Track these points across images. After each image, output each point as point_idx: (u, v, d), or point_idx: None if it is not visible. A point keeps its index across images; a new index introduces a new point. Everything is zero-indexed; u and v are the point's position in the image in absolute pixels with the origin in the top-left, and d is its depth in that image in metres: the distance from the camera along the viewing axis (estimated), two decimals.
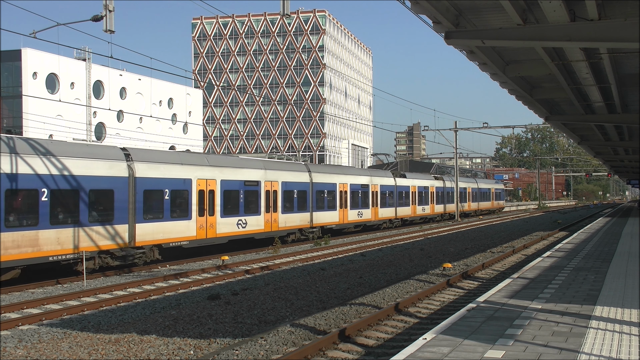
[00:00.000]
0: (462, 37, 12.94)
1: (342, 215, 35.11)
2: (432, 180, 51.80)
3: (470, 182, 63.54)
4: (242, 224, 26.45)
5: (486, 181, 72.66)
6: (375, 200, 39.41)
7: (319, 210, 32.71)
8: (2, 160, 16.59)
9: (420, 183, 48.03)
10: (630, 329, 8.84)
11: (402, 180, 44.61)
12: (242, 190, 26.58)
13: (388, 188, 41.65)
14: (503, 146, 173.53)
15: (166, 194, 22.11)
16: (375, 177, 40.28)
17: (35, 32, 22.21)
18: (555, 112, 25.90)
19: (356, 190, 36.86)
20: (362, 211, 37.47)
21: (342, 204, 35.04)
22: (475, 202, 63.95)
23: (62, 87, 68.57)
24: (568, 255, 18.79)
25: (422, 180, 49.31)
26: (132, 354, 10.15)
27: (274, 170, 29.41)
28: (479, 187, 65.80)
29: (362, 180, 38.14)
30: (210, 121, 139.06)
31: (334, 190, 34.19)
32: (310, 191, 31.84)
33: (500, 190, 75.84)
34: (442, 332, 8.76)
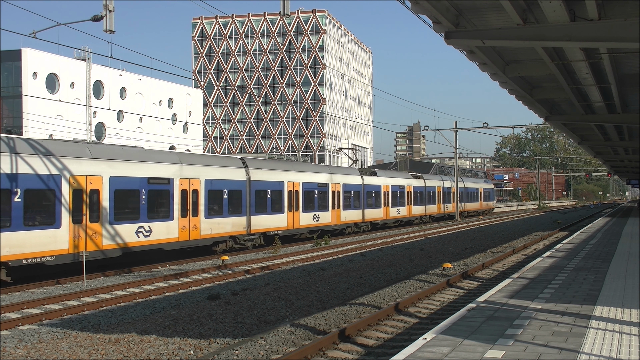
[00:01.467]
0: (462, 37, 12.94)
1: (291, 219, 30.15)
2: (410, 178, 47.39)
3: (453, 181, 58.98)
4: (144, 232, 21.28)
5: (474, 180, 68.02)
6: (336, 201, 34.64)
7: (260, 214, 27.51)
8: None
9: (394, 182, 43.43)
10: (630, 329, 8.84)
11: (372, 179, 39.94)
12: (144, 190, 21.37)
13: (354, 187, 36.97)
14: (503, 146, 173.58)
15: None
16: (337, 174, 35.49)
17: (35, 32, 22.20)
18: (555, 112, 25.90)
19: (311, 189, 32.08)
20: (319, 214, 32.72)
21: (291, 205, 30.17)
22: (460, 202, 59.02)
23: (62, 87, 68.57)
24: (568, 255, 18.79)
25: (397, 178, 44.73)
26: (132, 354, 10.15)
27: (193, 165, 24.05)
28: (466, 186, 61.53)
29: (319, 178, 33.32)
30: (210, 121, 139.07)
31: (280, 189, 29.34)
32: (247, 191, 26.74)
33: (489, 190, 71.43)
34: (442, 332, 8.76)
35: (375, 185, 40.16)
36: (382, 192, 40.97)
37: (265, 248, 27.66)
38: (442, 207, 53.67)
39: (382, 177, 41.98)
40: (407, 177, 47.42)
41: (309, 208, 31.96)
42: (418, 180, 48.57)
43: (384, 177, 42.13)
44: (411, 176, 48.31)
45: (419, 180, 48.82)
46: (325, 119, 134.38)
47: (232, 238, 26.06)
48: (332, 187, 34.24)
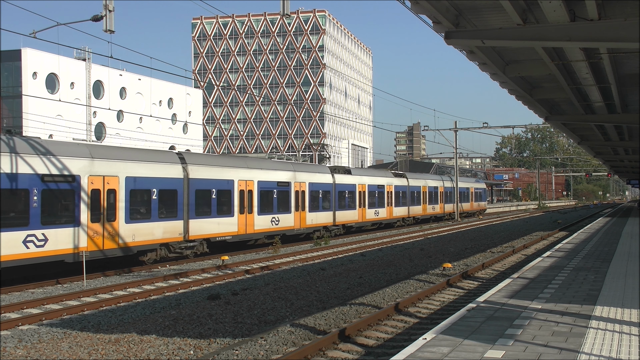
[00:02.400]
0: (462, 37, 12.94)
1: (243, 222, 26.34)
2: (390, 177, 43.38)
3: (445, 179, 55.69)
4: (35, 241, 17.56)
5: (464, 180, 63.27)
6: (301, 202, 30.96)
7: (202, 217, 24.00)
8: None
9: (372, 181, 39.51)
10: (630, 329, 8.84)
11: (345, 178, 36.11)
12: (36, 190, 17.56)
13: (322, 187, 33.13)
14: (503, 146, 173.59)
15: None
16: (302, 172, 31.68)
17: (35, 32, 22.20)
18: (555, 112, 25.90)
19: (269, 189, 28.38)
20: (279, 217, 28.87)
21: (243, 207, 26.37)
22: (450, 203, 55.29)
23: (62, 87, 68.58)
24: (568, 255, 18.79)
25: (375, 177, 40.89)
26: (132, 354, 10.15)
27: (109, 160, 20.44)
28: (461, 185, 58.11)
29: (279, 176, 29.46)
30: (210, 121, 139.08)
31: (229, 189, 25.63)
32: (184, 190, 23.11)
33: (481, 190, 67.05)
34: (442, 332, 8.75)
35: (349, 185, 36.33)
36: (357, 192, 37.09)
37: (265, 248, 27.66)
38: (429, 208, 49.83)
39: (358, 175, 38.22)
40: (387, 175, 43.51)
41: (267, 210, 28.09)
42: (400, 179, 44.77)
43: (359, 176, 38.23)
44: (392, 175, 44.39)
45: (401, 179, 45.03)
46: (325, 119, 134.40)
47: (164, 246, 22.55)
48: (295, 187, 30.43)
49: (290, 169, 31.08)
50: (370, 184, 39.14)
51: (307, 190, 31.73)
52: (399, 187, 43.73)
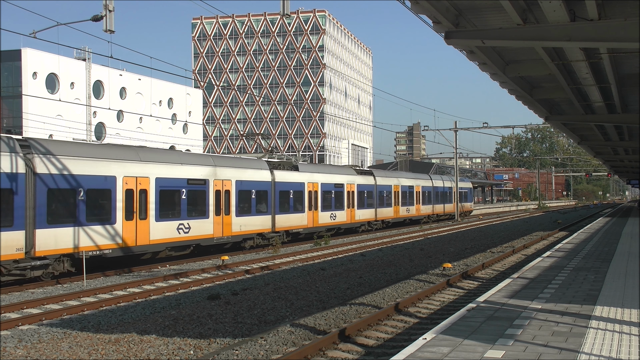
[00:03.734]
0: (462, 37, 12.94)
1: (131, 231, 20.83)
2: (352, 175, 37.58)
3: (422, 178, 50.43)
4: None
5: (446, 178, 58.31)
6: (224, 204, 25.37)
7: (59, 225, 18.38)
8: None
9: (327, 179, 34.00)
10: (630, 329, 8.84)
11: (289, 175, 30.50)
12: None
13: (256, 186, 27.52)
14: (503, 146, 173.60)
15: None
16: (225, 168, 25.93)
17: (35, 32, 22.21)
18: (555, 112, 25.90)
19: (175, 188, 22.83)
20: (191, 223, 23.34)
21: (132, 212, 20.92)
22: (428, 204, 49.93)
23: (62, 87, 68.58)
24: (568, 255, 18.79)
25: (332, 175, 34.97)
26: (132, 354, 10.15)
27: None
28: (434, 185, 52.01)
29: (191, 172, 23.74)
30: (210, 121, 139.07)
31: (109, 189, 20.16)
32: (28, 189, 17.62)
33: (466, 189, 61.22)
34: (442, 332, 8.75)
35: (294, 183, 30.69)
36: (305, 191, 31.58)
37: (265, 248, 27.66)
38: (402, 210, 44.50)
39: (307, 172, 32.62)
40: (347, 172, 37.61)
41: (171, 215, 22.61)
42: (365, 177, 39.39)
43: (309, 173, 32.65)
44: (355, 172, 38.82)
45: (366, 177, 39.69)
46: (325, 119, 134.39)
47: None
48: (215, 185, 24.91)
49: (208, 163, 25.22)
50: (325, 183, 33.66)
51: (233, 190, 25.86)
52: (364, 187, 38.38)
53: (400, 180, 44.90)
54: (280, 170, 30.40)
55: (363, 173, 40.20)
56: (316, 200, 32.65)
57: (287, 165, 31.79)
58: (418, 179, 48.80)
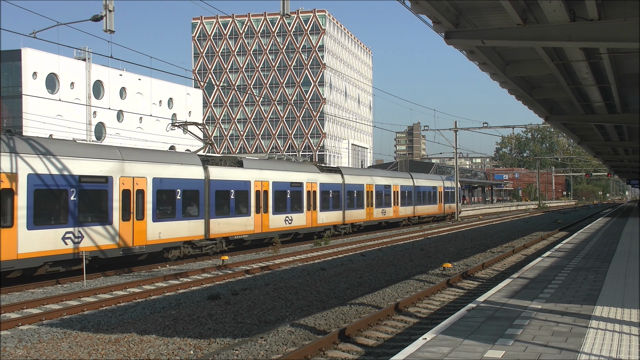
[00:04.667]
0: (462, 37, 12.94)
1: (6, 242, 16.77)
2: (315, 173, 33.20)
3: (400, 177, 46.18)
4: None
5: (430, 177, 54.37)
6: (134, 207, 20.85)
7: None
8: None
9: (280, 177, 29.54)
10: (630, 329, 8.84)
11: (228, 172, 25.89)
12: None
13: (184, 185, 23.02)
14: (503, 146, 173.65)
15: None
16: (138, 163, 21.34)
17: (35, 32, 22.19)
18: (555, 112, 25.91)
19: (62, 188, 18.68)
20: (85, 230, 19.18)
21: None
22: (408, 205, 45.61)
23: (62, 87, 68.59)
24: (568, 255, 18.79)
25: (286, 173, 30.48)
26: (132, 354, 10.15)
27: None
28: (416, 184, 47.54)
29: (86, 167, 19.45)
30: (210, 121, 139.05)
31: None
32: None
33: (453, 189, 56.78)
34: (442, 332, 8.76)
35: (236, 182, 26.15)
36: (252, 191, 27.12)
37: (265, 248, 27.65)
38: (377, 212, 40.21)
39: (254, 169, 27.94)
40: (309, 170, 33.01)
41: (54, 221, 18.44)
42: (330, 175, 34.78)
43: (257, 170, 28.03)
44: (318, 170, 34.08)
45: (332, 175, 35.11)
46: (325, 119, 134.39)
47: None
48: (122, 184, 20.33)
49: (113, 156, 20.46)
50: (278, 181, 29.31)
51: (149, 189, 21.45)
52: (329, 186, 34.14)
53: (375, 179, 40.61)
54: (218, 166, 25.47)
55: (328, 171, 35.69)
56: (266, 202, 28.17)
57: (229, 161, 27.03)
58: (396, 178, 44.66)
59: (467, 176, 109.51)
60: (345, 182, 36.22)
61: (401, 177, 45.78)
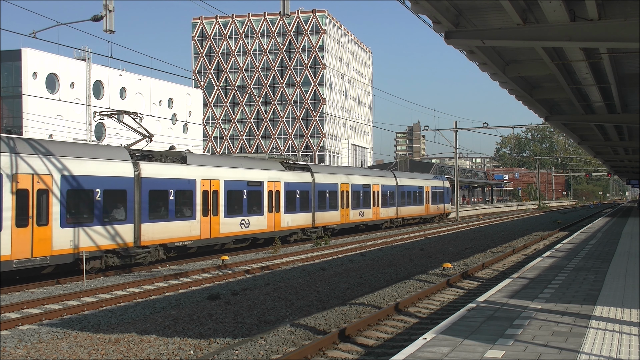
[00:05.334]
0: (462, 37, 12.94)
1: None
2: (278, 171, 29.51)
3: (382, 175, 42.98)
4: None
5: (416, 175, 50.57)
6: (35, 209, 17.63)
7: None
8: None
9: (233, 175, 25.92)
10: (630, 329, 8.84)
11: (166, 169, 22.36)
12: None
13: (105, 183, 19.87)
14: (503, 146, 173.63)
15: None
16: (37, 157, 17.98)
17: (35, 32, 22.19)
18: (555, 112, 25.90)
19: None
20: None
21: None
22: (390, 206, 41.98)
23: (62, 87, 68.58)
24: (568, 255, 18.79)
25: (242, 170, 26.81)
26: (132, 354, 10.15)
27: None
28: (400, 183, 43.92)
29: None
30: (210, 121, 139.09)
31: None
32: None
33: (442, 189, 52.93)
34: (442, 332, 8.75)
35: (177, 181, 22.69)
36: (198, 191, 23.63)
37: (265, 248, 27.65)
38: (353, 213, 36.80)
39: (201, 166, 24.28)
40: (271, 168, 29.45)
41: None
42: (297, 173, 31.20)
43: (204, 167, 24.40)
44: (283, 167, 30.58)
45: (299, 174, 31.63)
46: (325, 119, 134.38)
47: None
48: (18, 183, 17.18)
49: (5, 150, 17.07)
50: (232, 180, 25.75)
51: (56, 188, 18.24)
52: (296, 185, 30.67)
53: (351, 177, 37.14)
54: (152, 162, 22.30)
55: (296, 168, 32.33)
56: (216, 203, 24.70)
57: (171, 156, 23.65)
58: (376, 177, 41.15)
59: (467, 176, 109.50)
60: (315, 180, 32.82)
61: (382, 176, 42.56)
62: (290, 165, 32.29)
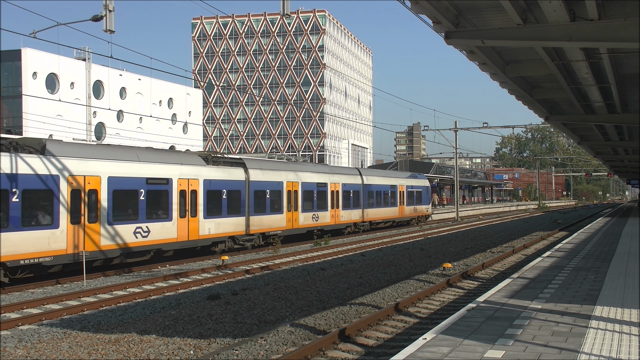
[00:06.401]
0: (462, 37, 12.95)
1: None
2: (195, 166, 24.22)
3: (343, 173, 37.17)
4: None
5: (388, 173, 46.19)
6: None
7: None
8: None
9: (125, 171, 20.87)
10: (630, 329, 8.84)
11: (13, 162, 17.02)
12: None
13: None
14: (503, 146, 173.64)
15: None
16: None
17: (35, 32, 22.19)
18: (555, 112, 25.91)
19: None
20: None
21: None
22: (355, 208, 36.78)
23: (62, 87, 68.58)
24: (568, 255, 18.79)
25: (139, 165, 21.59)
26: (132, 354, 10.15)
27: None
28: (367, 182, 38.65)
29: None
30: (210, 121, 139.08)
31: None
32: None
33: (419, 188, 47.32)
34: (442, 332, 8.76)
35: (28, 178, 17.26)
36: (62, 191, 18.39)
37: (265, 248, 27.64)
38: (304, 217, 31.25)
39: (71, 158, 19.03)
40: (185, 162, 24.07)
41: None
42: (222, 170, 25.80)
43: (75, 160, 19.19)
44: (201, 162, 25.13)
45: (227, 170, 25.94)
46: (325, 119, 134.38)
47: None
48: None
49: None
50: (123, 176, 20.68)
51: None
52: (221, 184, 25.36)
53: (301, 175, 31.57)
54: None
55: (223, 163, 26.78)
56: (95, 206, 19.60)
57: (27, 145, 18.33)
58: (336, 174, 35.60)
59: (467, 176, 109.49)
60: (250, 178, 27.05)
61: (344, 174, 37.10)
62: (218, 159, 26.98)
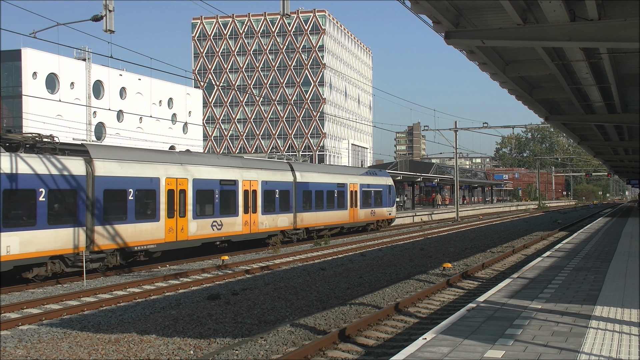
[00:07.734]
0: (462, 37, 12.94)
1: None
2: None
3: (264, 168, 28.36)
4: None
5: (336, 169, 37.71)
6: None
7: None
8: None
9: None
10: (630, 329, 8.84)
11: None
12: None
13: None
14: (503, 146, 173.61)
15: None
16: None
17: (35, 32, 22.19)
18: (555, 112, 25.90)
19: None
20: None
21: None
22: (282, 212, 28.93)
23: (62, 87, 68.58)
24: (568, 255, 18.79)
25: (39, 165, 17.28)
26: (132, 354, 10.15)
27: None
28: (301, 180, 30.63)
29: None
30: (210, 121, 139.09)
31: None
32: None
33: (380, 187, 39.63)
34: (442, 332, 8.75)
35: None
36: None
37: (265, 248, 27.65)
38: (193, 225, 23.08)
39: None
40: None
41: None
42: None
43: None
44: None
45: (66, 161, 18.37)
46: (325, 119, 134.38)
47: None
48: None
49: None
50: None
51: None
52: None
53: (192, 169, 23.36)
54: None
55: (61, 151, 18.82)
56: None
57: None
58: (252, 169, 27.29)
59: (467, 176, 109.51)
60: (95, 173, 19.21)
61: (266, 169, 28.40)
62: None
